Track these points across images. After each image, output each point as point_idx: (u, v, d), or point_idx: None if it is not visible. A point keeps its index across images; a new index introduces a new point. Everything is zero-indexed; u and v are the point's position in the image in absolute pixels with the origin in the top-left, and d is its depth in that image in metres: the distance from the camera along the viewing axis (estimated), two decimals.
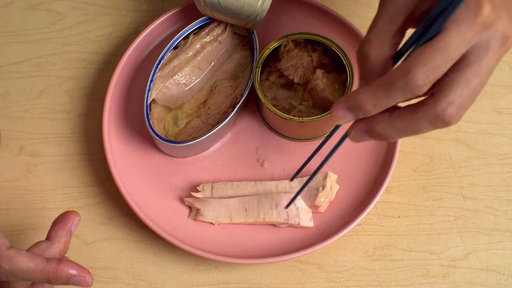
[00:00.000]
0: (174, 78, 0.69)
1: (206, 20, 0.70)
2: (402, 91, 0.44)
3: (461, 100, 0.44)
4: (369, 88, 0.45)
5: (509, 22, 0.45)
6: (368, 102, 0.45)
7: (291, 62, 0.68)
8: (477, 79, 0.44)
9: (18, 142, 0.72)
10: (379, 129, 0.47)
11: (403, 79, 0.43)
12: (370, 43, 0.47)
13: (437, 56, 0.43)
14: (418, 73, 0.43)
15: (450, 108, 0.44)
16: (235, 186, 0.67)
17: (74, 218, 0.56)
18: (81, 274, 0.52)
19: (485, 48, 0.44)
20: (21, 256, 0.50)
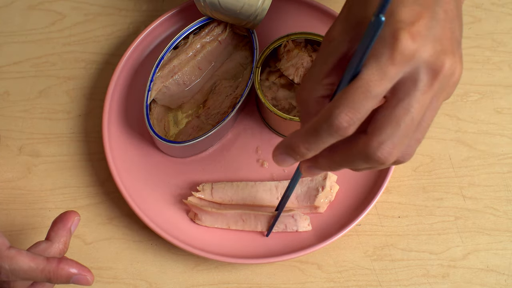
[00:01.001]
0: (174, 78, 0.69)
1: (206, 20, 0.70)
2: (328, 134, 0.43)
3: (393, 140, 0.43)
4: (300, 132, 0.45)
5: (438, 51, 0.42)
6: (301, 147, 0.45)
7: (291, 62, 0.68)
8: (408, 117, 0.42)
9: (18, 142, 0.72)
10: (322, 163, 0.47)
11: (326, 123, 0.42)
12: (302, 85, 0.48)
13: (357, 96, 0.41)
14: (339, 115, 0.42)
15: (381, 149, 0.43)
16: (235, 186, 0.67)
17: (74, 218, 0.56)
18: (82, 273, 0.52)
19: (413, 83, 0.42)
20: (21, 255, 0.50)
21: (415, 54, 0.41)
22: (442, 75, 0.42)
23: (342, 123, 0.42)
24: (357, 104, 0.41)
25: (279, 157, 0.47)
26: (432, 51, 0.42)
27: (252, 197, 0.66)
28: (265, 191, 0.66)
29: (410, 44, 0.41)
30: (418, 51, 0.41)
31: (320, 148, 0.45)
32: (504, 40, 0.75)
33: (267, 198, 0.66)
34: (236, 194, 0.67)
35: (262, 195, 0.66)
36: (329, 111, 0.42)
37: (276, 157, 0.47)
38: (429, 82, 0.42)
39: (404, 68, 0.42)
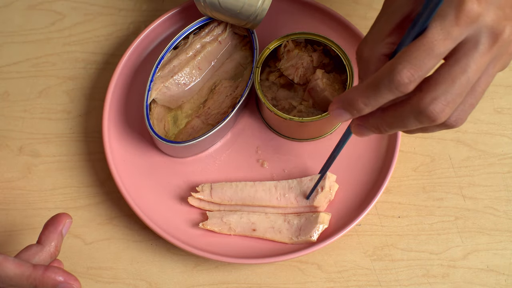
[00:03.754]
0: (174, 78, 0.69)
1: (206, 20, 0.71)
2: (388, 89, 0.44)
3: (447, 97, 0.44)
4: (359, 87, 0.46)
5: (500, 17, 0.44)
6: (359, 101, 0.46)
7: (291, 62, 0.68)
8: (464, 76, 0.44)
9: (18, 142, 0.72)
10: (372, 122, 0.48)
11: (387, 78, 0.43)
12: (365, 42, 0.48)
13: (420, 54, 0.43)
14: (402, 71, 0.43)
15: (433, 104, 0.44)
16: (234, 186, 0.67)
17: (65, 220, 0.55)
18: (68, 281, 0.51)
19: (474, 44, 0.44)
20: (7, 262, 0.50)
21: (479, 17, 0.43)
22: (501, 40, 0.44)
23: (403, 79, 0.43)
24: (420, 61, 0.43)
25: (336, 111, 0.48)
26: (495, 16, 0.43)
27: (251, 197, 0.66)
28: (264, 191, 0.66)
29: (476, 7, 0.42)
30: (482, 15, 0.43)
31: (378, 103, 0.45)
32: None
33: (266, 198, 0.66)
34: (235, 194, 0.67)
35: (261, 195, 0.66)
36: (392, 66, 0.43)
37: (333, 111, 0.48)
38: (489, 45, 0.44)
39: (467, 30, 0.43)
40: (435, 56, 0.43)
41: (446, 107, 0.44)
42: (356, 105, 0.46)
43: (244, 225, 0.66)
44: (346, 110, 0.47)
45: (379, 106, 0.46)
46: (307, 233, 0.64)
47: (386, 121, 0.47)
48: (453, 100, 0.44)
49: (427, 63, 0.43)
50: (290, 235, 0.65)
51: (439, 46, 0.43)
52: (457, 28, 0.43)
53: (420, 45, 0.43)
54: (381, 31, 0.47)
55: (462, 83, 0.44)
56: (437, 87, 0.44)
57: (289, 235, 0.65)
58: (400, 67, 0.43)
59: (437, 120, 0.45)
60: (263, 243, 0.66)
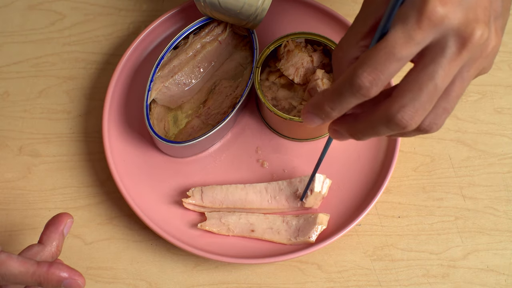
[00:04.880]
0: (174, 78, 0.69)
1: (206, 20, 0.71)
2: (350, 93, 0.43)
3: (415, 104, 0.42)
4: (326, 91, 0.45)
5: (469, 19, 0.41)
6: (325, 106, 0.45)
7: (291, 62, 0.68)
8: (431, 83, 0.42)
9: (18, 142, 0.72)
10: (346, 128, 0.48)
11: (349, 82, 0.42)
12: (339, 45, 0.47)
13: (380, 57, 0.41)
14: (362, 74, 0.42)
15: (402, 112, 0.43)
16: (225, 190, 0.66)
17: (67, 220, 0.55)
18: (73, 277, 0.51)
19: (440, 49, 0.41)
20: (11, 260, 0.50)
21: (444, 20, 0.41)
22: (471, 44, 0.42)
23: (364, 83, 0.42)
24: (380, 65, 0.41)
25: (306, 116, 0.47)
26: (463, 18, 0.41)
27: (243, 200, 0.66)
28: (255, 193, 0.66)
29: (439, 9, 0.40)
30: (447, 17, 0.40)
31: (343, 107, 0.45)
32: (504, 40, 0.75)
33: (257, 200, 0.66)
34: (226, 198, 0.66)
35: (252, 197, 0.66)
36: (352, 70, 0.42)
37: (304, 115, 0.48)
38: (457, 49, 0.42)
39: (431, 34, 0.41)
40: (397, 60, 0.41)
41: (415, 114, 0.43)
42: (323, 109, 0.45)
43: (242, 225, 0.66)
44: (315, 115, 0.47)
45: (346, 110, 0.45)
46: (305, 234, 0.64)
47: (358, 128, 0.47)
48: (422, 107, 0.43)
49: (388, 67, 0.41)
50: (289, 236, 0.65)
51: (400, 50, 0.41)
52: (419, 32, 0.41)
53: (380, 49, 0.41)
54: (355, 34, 0.46)
55: (430, 90, 0.42)
56: (404, 94, 0.43)
57: (287, 236, 0.65)
58: (360, 71, 0.42)
59: (407, 127, 0.43)
60: (263, 243, 0.66)
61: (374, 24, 0.45)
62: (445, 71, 0.42)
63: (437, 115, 0.45)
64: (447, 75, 0.42)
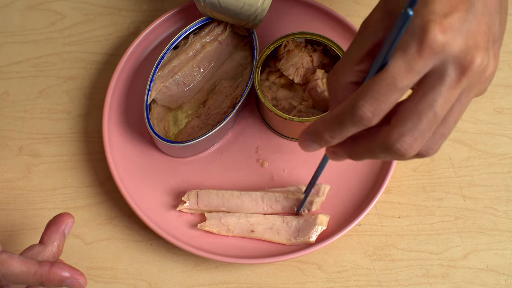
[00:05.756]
0: (174, 78, 0.69)
1: (206, 20, 0.71)
2: (351, 123, 0.43)
3: (414, 133, 0.42)
4: (325, 120, 0.45)
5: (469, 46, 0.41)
6: (325, 134, 0.45)
7: (291, 62, 0.68)
8: (431, 112, 0.42)
9: (18, 142, 0.72)
10: (344, 150, 0.48)
11: (350, 112, 0.42)
12: (334, 70, 0.47)
13: (382, 88, 0.41)
14: (364, 105, 0.42)
15: (401, 141, 0.43)
16: (221, 196, 0.66)
17: (68, 220, 0.55)
18: (74, 276, 0.51)
19: (439, 77, 0.41)
20: (13, 260, 0.50)
21: (444, 48, 0.40)
22: (471, 72, 0.41)
23: (366, 114, 0.42)
24: (382, 96, 0.41)
25: (304, 143, 0.48)
26: (463, 45, 0.41)
27: (238, 207, 0.66)
28: (251, 202, 0.66)
29: (440, 37, 0.40)
30: (448, 45, 0.40)
31: (343, 136, 0.45)
32: (504, 40, 0.74)
33: (253, 208, 0.66)
34: (222, 204, 0.66)
35: (247, 205, 0.66)
36: (354, 101, 0.42)
37: (302, 143, 0.48)
38: (456, 77, 0.41)
39: (431, 62, 0.41)
40: (398, 90, 0.41)
41: (413, 143, 0.43)
42: (323, 137, 0.46)
43: (242, 226, 0.66)
44: (314, 142, 0.47)
45: (345, 137, 0.45)
46: (305, 234, 0.64)
47: (357, 152, 0.47)
48: (421, 135, 0.43)
49: (389, 98, 0.41)
50: (289, 236, 0.65)
51: (402, 80, 0.41)
52: (420, 61, 0.40)
53: (382, 79, 0.41)
54: (350, 59, 0.46)
55: (429, 119, 0.42)
56: (403, 123, 0.42)
57: (287, 236, 0.65)
58: (361, 102, 0.42)
59: (406, 155, 0.44)
60: (263, 243, 0.66)
61: (370, 49, 0.45)
62: (444, 99, 0.42)
63: (434, 141, 0.45)
64: (446, 103, 0.42)
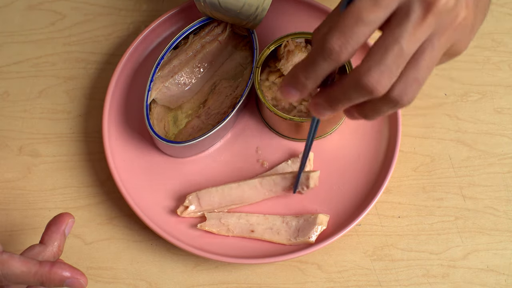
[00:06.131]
0: (174, 78, 0.69)
1: (206, 20, 0.71)
2: (322, 59, 0.44)
3: (380, 66, 0.43)
4: (300, 62, 0.46)
5: None
6: (300, 75, 0.46)
7: (291, 62, 0.68)
8: (396, 46, 0.43)
9: (18, 142, 0.72)
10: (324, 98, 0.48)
11: (320, 47, 0.43)
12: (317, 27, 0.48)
13: (348, 21, 0.42)
14: (331, 39, 0.43)
15: (368, 75, 0.43)
16: (220, 191, 0.66)
17: (68, 220, 0.55)
18: (75, 276, 0.51)
19: (405, 13, 0.43)
20: (13, 260, 0.50)
21: None
22: (436, 9, 0.43)
23: (334, 47, 0.43)
24: (349, 30, 0.42)
25: (283, 89, 0.48)
26: None
27: (240, 197, 0.66)
28: (251, 189, 0.66)
29: None
30: None
31: (318, 76, 0.45)
32: (504, 40, 0.75)
33: (254, 195, 0.66)
34: (224, 198, 0.66)
35: (248, 194, 0.66)
36: (323, 36, 0.43)
37: (281, 88, 0.48)
38: (422, 14, 0.43)
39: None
40: (365, 24, 0.42)
41: (381, 77, 0.43)
42: (298, 79, 0.46)
43: (242, 226, 0.66)
44: (292, 87, 0.47)
45: (320, 78, 0.46)
46: (305, 234, 0.64)
47: (333, 96, 0.47)
48: (388, 70, 0.43)
49: (356, 31, 0.42)
50: (289, 236, 0.65)
51: (368, 14, 0.42)
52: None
53: (348, 13, 0.43)
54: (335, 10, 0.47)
55: (395, 53, 0.43)
56: (371, 57, 0.43)
57: (287, 236, 0.65)
58: (329, 36, 0.43)
59: (375, 91, 0.44)
60: (263, 243, 0.66)
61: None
62: (410, 35, 0.43)
63: (407, 84, 0.45)
64: (412, 39, 0.43)
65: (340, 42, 0.43)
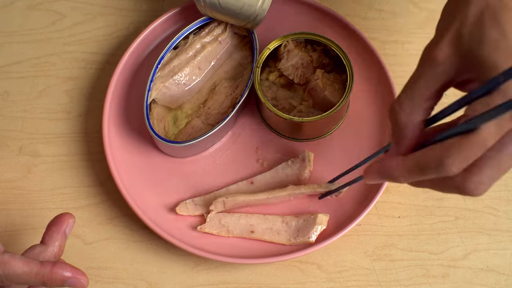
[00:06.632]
0: (174, 78, 0.69)
1: (206, 20, 0.71)
2: (433, 174, 0.45)
3: (490, 182, 0.45)
4: (402, 164, 0.46)
5: None
6: (400, 176, 0.47)
7: (291, 62, 0.68)
8: (509, 161, 0.44)
9: (18, 142, 0.72)
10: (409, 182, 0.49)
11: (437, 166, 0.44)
12: (400, 106, 0.47)
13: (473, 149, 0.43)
14: (453, 163, 0.43)
15: (478, 188, 0.45)
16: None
17: (69, 220, 0.55)
18: (76, 276, 0.52)
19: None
20: (15, 260, 0.50)
21: None
22: None
23: (453, 170, 0.44)
24: (472, 156, 0.43)
25: (370, 177, 0.50)
26: None
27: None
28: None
29: None
30: None
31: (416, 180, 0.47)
32: None
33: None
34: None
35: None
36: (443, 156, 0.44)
37: (368, 176, 0.50)
38: None
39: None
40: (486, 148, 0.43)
41: (487, 187, 0.45)
42: (395, 178, 0.47)
43: (242, 226, 0.66)
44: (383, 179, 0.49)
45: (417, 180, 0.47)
46: (305, 234, 0.64)
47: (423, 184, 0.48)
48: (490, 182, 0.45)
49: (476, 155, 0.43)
50: (289, 237, 0.65)
51: (492, 141, 0.43)
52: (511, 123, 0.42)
53: (473, 142, 0.43)
54: (419, 96, 0.47)
55: (506, 169, 0.45)
56: (483, 172, 0.44)
57: (287, 236, 0.65)
58: (451, 160, 0.43)
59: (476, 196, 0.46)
60: (263, 243, 0.66)
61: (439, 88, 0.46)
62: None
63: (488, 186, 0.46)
64: None
65: (460, 166, 0.43)
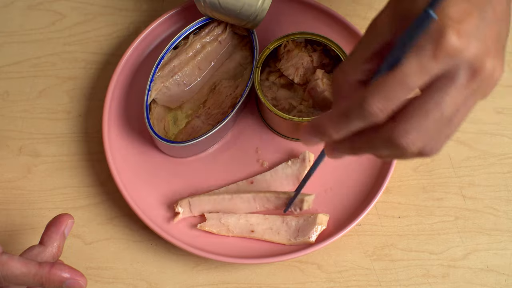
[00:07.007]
0: (174, 78, 0.69)
1: (206, 20, 0.71)
2: (359, 119, 0.43)
3: (418, 130, 0.43)
4: (331, 115, 0.46)
5: (481, 51, 0.42)
6: (330, 129, 0.46)
7: (291, 62, 0.68)
8: (438, 112, 0.43)
9: (18, 142, 0.72)
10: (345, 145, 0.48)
11: (358, 108, 0.43)
12: (340, 67, 0.48)
13: (393, 86, 0.42)
14: (372, 101, 0.42)
15: (405, 137, 0.43)
16: (212, 200, 0.66)
17: (67, 221, 0.55)
18: (75, 277, 0.52)
19: (450, 79, 0.42)
20: (13, 261, 0.50)
21: (459, 53, 0.41)
22: (480, 76, 0.43)
23: (374, 109, 0.42)
24: (392, 94, 0.42)
25: (306, 136, 0.48)
26: (476, 50, 0.42)
27: (231, 209, 0.66)
28: (243, 203, 0.66)
29: (456, 42, 0.41)
30: (462, 50, 0.41)
31: (348, 131, 0.45)
32: None
33: (246, 208, 0.66)
34: (215, 207, 0.66)
35: (240, 206, 0.66)
36: (363, 97, 0.43)
37: (304, 136, 0.48)
38: (466, 81, 0.43)
39: (445, 65, 0.42)
40: (408, 88, 0.42)
41: (417, 139, 0.44)
42: (326, 132, 0.46)
43: (242, 226, 0.66)
44: (316, 136, 0.47)
45: (349, 134, 0.46)
46: (305, 234, 0.64)
47: (358, 146, 0.47)
48: (426, 133, 0.44)
49: (399, 96, 0.42)
50: (289, 236, 0.65)
51: (414, 80, 0.42)
52: (434, 63, 0.41)
53: (394, 78, 0.42)
54: (358, 58, 0.46)
55: (436, 118, 0.43)
56: (410, 120, 0.43)
57: (287, 236, 0.65)
58: (371, 98, 0.42)
59: (408, 151, 0.44)
60: (263, 243, 0.66)
61: (377, 49, 0.45)
62: (452, 101, 0.43)
63: (438, 140, 0.45)
64: (454, 105, 0.43)
65: (381, 105, 0.42)
